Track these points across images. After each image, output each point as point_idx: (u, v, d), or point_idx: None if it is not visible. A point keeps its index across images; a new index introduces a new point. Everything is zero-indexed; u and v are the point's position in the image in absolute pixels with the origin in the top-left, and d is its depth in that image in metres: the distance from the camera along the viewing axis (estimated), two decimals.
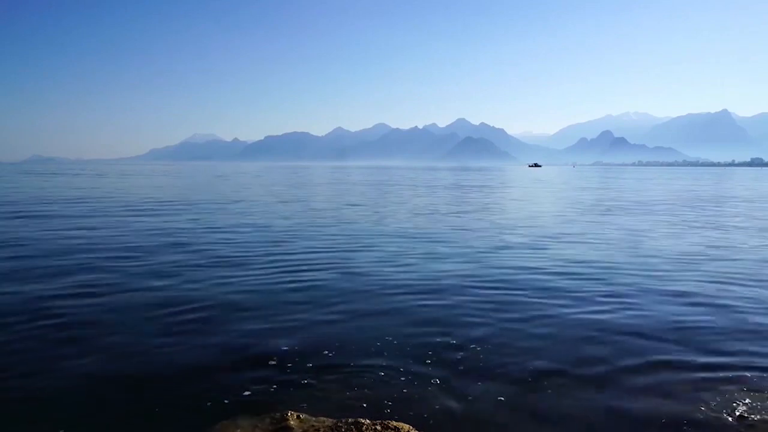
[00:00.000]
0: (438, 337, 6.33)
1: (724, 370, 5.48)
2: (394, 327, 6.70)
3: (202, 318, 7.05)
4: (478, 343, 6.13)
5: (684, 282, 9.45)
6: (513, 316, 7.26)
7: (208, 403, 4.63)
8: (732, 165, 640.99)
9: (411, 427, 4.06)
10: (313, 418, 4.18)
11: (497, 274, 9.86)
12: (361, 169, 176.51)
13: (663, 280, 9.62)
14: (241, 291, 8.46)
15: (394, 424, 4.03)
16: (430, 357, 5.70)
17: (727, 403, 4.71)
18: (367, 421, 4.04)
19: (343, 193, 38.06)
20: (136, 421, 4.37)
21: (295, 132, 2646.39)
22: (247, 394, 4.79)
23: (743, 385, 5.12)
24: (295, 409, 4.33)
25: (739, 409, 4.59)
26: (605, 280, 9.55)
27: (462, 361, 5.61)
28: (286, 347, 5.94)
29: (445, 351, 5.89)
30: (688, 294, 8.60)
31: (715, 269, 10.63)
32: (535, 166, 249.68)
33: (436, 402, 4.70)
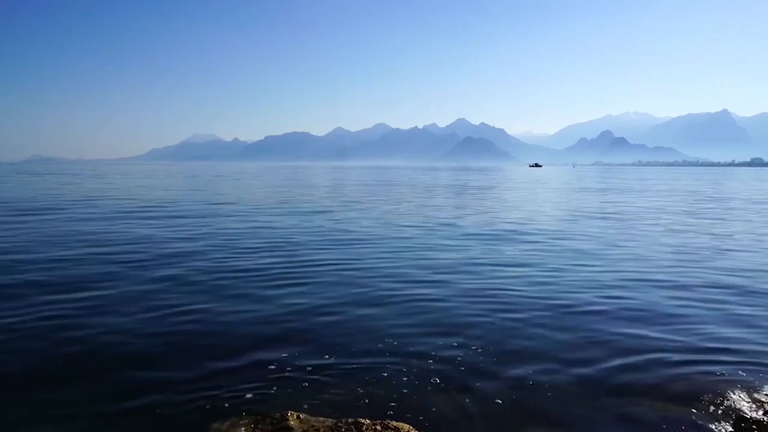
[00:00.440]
0: (440, 338, 6.33)
1: None
2: (395, 326, 6.71)
3: (201, 318, 7.05)
4: (478, 343, 6.14)
5: None
6: (516, 315, 7.26)
7: (208, 403, 4.62)
8: (732, 165, 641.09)
9: (411, 427, 4.06)
10: (313, 418, 4.18)
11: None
12: (364, 169, 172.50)
13: None
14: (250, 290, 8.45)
15: (394, 424, 4.03)
16: (430, 357, 5.71)
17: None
18: (367, 421, 4.03)
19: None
20: (137, 422, 4.36)
21: (295, 132, 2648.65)
22: (247, 394, 4.79)
23: None
24: (295, 409, 4.32)
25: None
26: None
27: (462, 361, 5.61)
28: (286, 346, 5.94)
29: (445, 351, 5.89)
30: None
31: None
32: (536, 166, 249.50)
33: (436, 402, 4.70)
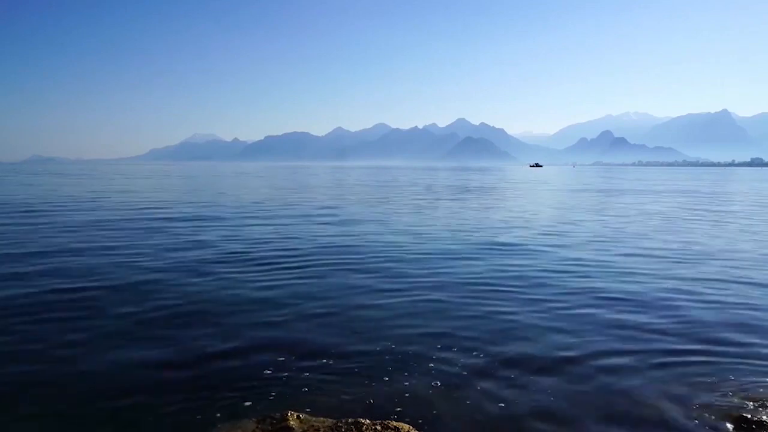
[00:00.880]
0: (441, 337, 6.33)
1: None
2: (394, 326, 6.71)
3: (201, 317, 7.05)
4: (479, 343, 6.14)
5: None
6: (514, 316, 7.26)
7: (208, 403, 4.62)
8: (732, 165, 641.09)
9: (411, 427, 4.06)
10: (313, 418, 4.18)
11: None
12: (367, 169, 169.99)
13: None
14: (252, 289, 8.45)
15: (394, 424, 4.03)
16: (431, 357, 5.71)
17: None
18: (367, 421, 4.03)
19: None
20: (136, 422, 4.36)
21: (295, 132, 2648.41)
22: (247, 394, 4.79)
23: None
24: (295, 409, 4.32)
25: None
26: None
27: (462, 361, 5.61)
28: (286, 347, 5.94)
29: (446, 351, 5.89)
30: None
31: None
32: (536, 166, 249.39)
33: (436, 402, 4.70)
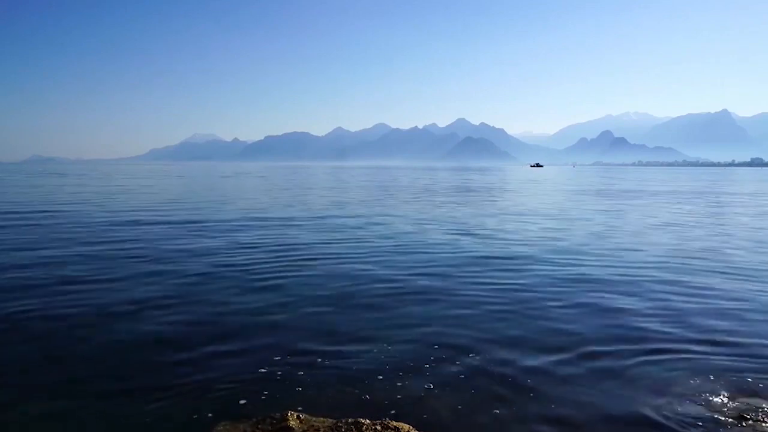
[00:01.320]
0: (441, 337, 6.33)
1: None
2: (394, 325, 6.70)
3: (201, 317, 7.06)
4: (479, 343, 6.14)
5: None
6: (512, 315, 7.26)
7: (208, 403, 4.62)
8: (732, 165, 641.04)
9: (411, 427, 4.06)
10: (313, 418, 4.18)
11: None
12: (370, 169, 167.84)
13: None
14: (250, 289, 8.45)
15: (394, 424, 4.02)
16: (431, 356, 5.71)
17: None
18: (367, 421, 4.03)
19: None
20: (136, 422, 4.36)
21: (295, 132, 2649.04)
22: (247, 394, 4.79)
23: None
24: (295, 409, 4.32)
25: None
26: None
27: (463, 361, 5.61)
28: (286, 346, 5.94)
29: (447, 351, 5.89)
30: None
31: None
32: (537, 166, 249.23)
33: (437, 402, 4.69)
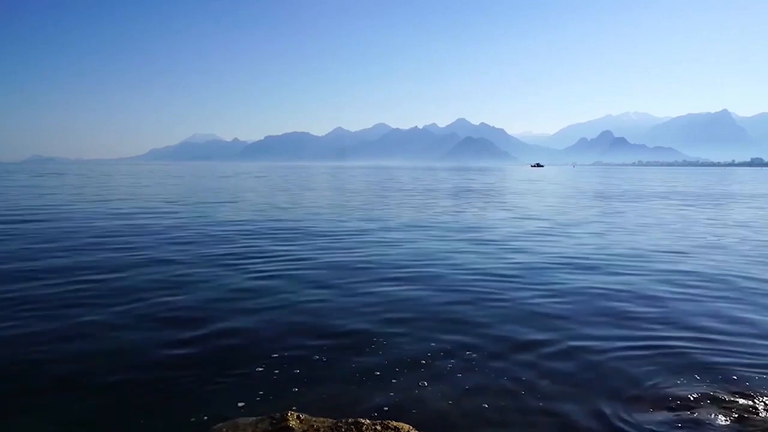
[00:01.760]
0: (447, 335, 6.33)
1: None
2: (393, 325, 6.70)
3: (201, 317, 7.05)
4: (479, 343, 6.14)
5: None
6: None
7: (208, 403, 4.62)
8: (732, 165, 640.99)
9: (411, 427, 4.05)
10: (313, 418, 4.17)
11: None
12: (372, 169, 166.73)
13: None
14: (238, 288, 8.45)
15: (394, 424, 4.02)
16: (431, 356, 5.71)
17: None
18: (367, 421, 4.02)
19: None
20: (135, 422, 4.36)
21: (295, 132, 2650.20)
22: (246, 394, 4.78)
23: None
24: (295, 410, 4.32)
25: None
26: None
27: (463, 360, 5.61)
28: (286, 346, 5.94)
29: (447, 350, 5.89)
30: None
31: None
32: (537, 166, 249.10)
33: (437, 401, 4.69)
